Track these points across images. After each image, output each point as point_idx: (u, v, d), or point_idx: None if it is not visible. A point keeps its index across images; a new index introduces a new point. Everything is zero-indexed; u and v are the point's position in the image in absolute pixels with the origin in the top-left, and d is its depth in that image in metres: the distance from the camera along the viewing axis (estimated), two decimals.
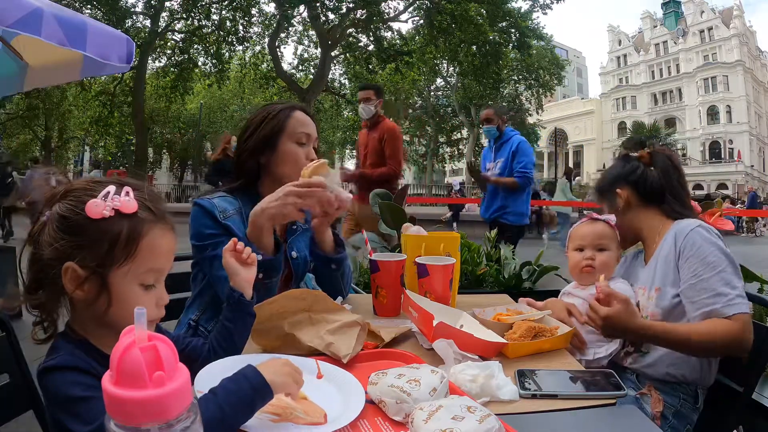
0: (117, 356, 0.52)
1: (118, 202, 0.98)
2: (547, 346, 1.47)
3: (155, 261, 1.03)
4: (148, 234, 1.01)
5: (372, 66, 25.44)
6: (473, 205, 16.29)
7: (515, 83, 37.20)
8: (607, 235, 1.95)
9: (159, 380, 0.51)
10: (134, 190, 1.02)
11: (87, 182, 1.05)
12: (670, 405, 1.72)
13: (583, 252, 1.96)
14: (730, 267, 1.69)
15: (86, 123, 29.39)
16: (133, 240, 0.99)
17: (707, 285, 1.67)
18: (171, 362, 0.54)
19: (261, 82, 26.18)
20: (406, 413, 0.96)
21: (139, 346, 0.52)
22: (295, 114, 1.92)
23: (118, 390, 0.51)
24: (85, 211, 0.96)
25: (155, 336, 0.54)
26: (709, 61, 59.43)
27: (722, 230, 2.85)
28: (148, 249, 1.01)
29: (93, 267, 0.97)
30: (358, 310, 1.75)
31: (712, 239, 1.72)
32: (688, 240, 1.73)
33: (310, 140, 1.92)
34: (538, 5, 25.45)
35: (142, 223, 1.01)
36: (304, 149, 1.90)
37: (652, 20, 69.27)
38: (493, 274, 3.28)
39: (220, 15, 23.65)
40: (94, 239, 0.97)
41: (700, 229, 1.74)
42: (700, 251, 1.70)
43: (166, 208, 1.09)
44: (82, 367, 0.94)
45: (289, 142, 1.88)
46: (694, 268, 1.70)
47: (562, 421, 1.08)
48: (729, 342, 1.60)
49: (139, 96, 23.73)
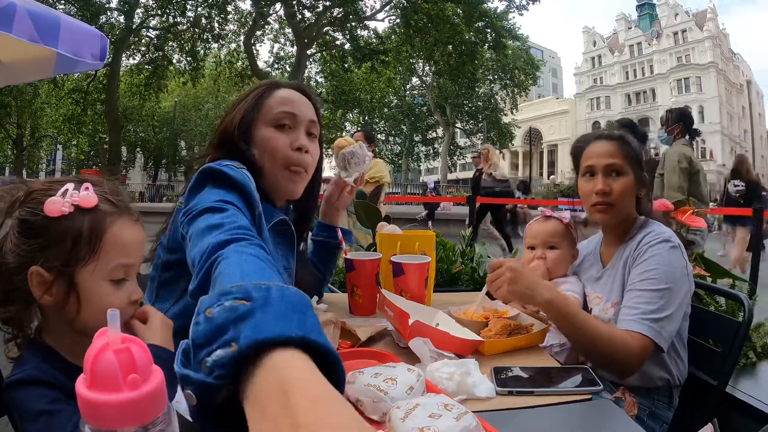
0: (90, 359, 0.51)
1: (77, 197, 0.96)
2: (522, 343, 1.47)
3: (122, 255, 1.01)
4: (111, 227, 0.99)
5: (348, 65, 25.39)
6: (448, 204, 16.33)
7: (490, 83, 37.42)
8: (558, 234, 1.95)
9: (134, 383, 0.51)
10: (94, 186, 1.00)
11: (45, 183, 1.03)
12: (645, 407, 1.71)
13: (534, 250, 1.98)
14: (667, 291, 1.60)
15: (59, 121, 29.01)
16: (97, 235, 0.97)
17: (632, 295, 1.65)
18: (145, 364, 0.53)
19: (236, 80, 25.83)
20: (383, 412, 0.95)
21: (113, 349, 0.51)
22: (276, 92, 1.57)
23: (92, 394, 0.50)
24: (44, 211, 0.94)
25: (129, 338, 0.53)
26: (682, 62, 60.50)
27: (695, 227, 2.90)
28: (113, 243, 0.99)
29: (58, 268, 0.95)
30: (333, 309, 1.74)
31: (671, 258, 1.66)
32: (648, 248, 1.69)
33: (297, 122, 1.55)
34: (514, 6, 25.59)
35: (104, 217, 0.99)
36: (287, 135, 1.54)
37: (626, 22, 70.38)
38: (468, 273, 3.29)
39: (196, 12, 23.40)
40: (55, 239, 0.95)
41: (664, 244, 1.68)
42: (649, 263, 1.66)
43: (129, 201, 1.07)
44: (49, 381, 0.92)
45: (265, 127, 1.53)
46: (634, 276, 1.68)
47: (538, 417, 1.08)
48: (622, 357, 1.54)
49: (112, 94, 23.35)
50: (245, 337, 0.53)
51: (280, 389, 0.49)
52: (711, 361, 1.85)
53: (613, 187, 1.76)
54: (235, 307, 0.57)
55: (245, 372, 0.53)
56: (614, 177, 1.78)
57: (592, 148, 1.85)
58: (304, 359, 0.53)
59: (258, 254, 0.86)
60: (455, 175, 61.95)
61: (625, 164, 1.78)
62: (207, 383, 0.53)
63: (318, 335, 0.56)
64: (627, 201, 1.80)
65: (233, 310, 0.57)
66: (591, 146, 1.85)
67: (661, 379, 1.73)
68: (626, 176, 1.77)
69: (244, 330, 0.54)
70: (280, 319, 0.56)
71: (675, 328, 1.63)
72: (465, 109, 39.14)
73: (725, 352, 1.77)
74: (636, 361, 1.55)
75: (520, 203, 15.43)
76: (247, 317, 0.56)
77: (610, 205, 1.78)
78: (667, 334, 1.58)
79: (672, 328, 1.61)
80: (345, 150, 1.85)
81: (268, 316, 0.56)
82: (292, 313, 0.58)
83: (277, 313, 0.57)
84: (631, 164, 1.78)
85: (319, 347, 0.56)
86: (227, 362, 0.53)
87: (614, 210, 1.79)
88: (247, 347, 0.53)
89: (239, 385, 0.53)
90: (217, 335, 0.55)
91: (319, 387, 0.50)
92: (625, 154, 1.79)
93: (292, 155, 1.53)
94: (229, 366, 0.53)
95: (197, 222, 1.06)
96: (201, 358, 0.55)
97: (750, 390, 2.21)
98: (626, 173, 1.78)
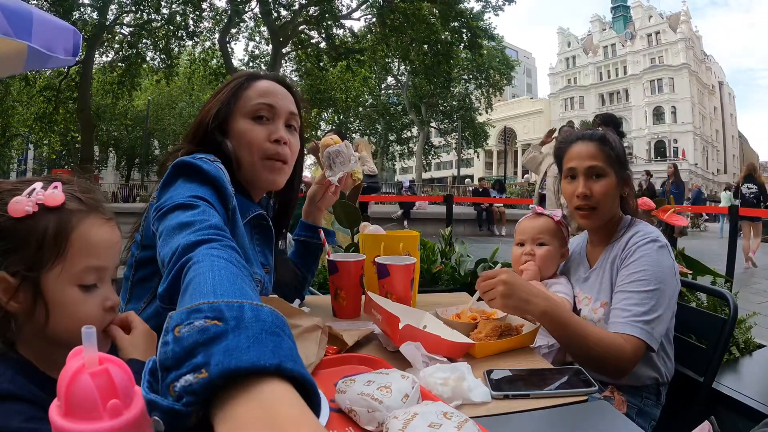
0: (65, 384, 0.45)
1: (42, 196, 0.90)
2: (513, 344, 1.45)
3: (92, 256, 0.94)
4: (78, 226, 0.93)
5: (323, 63, 25.35)
6: (424, 203, 16.37)
7: (465, 82, 37.71)
8: (547, 230, 1.94)
9: (114, 410, 0.45)
10: (64, 185, 0.95)
11: (14, 183, 0.96)
12: (633, 404, 1.73)
13: (523, 247, 1.96)
14: (656, 292, 1.61)
15: (30, 120, 28.36)
16: (62, 235, 0.91)
17: (622, 296, 1.65)
18: (126, 387, 0.48)
19: (210, 78, 25.57)
20: (379, 422, 0.91)
21: (89, 371, 0.46)
22: (255, 83, 1.53)
23: (68, 423, 0.44)
24: (8, 212, 0.88)
25: (107, 358, 0.48)
26: (655, 63, 61.74)
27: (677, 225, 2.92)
28: (81, 243, 0.92)
29: (23, 272, 0.89)
30: (316, 312, 1.69)
31: (659, 258, 1.66)
32: (636, 249, 1.69)
33: (275, 114, 1.52)
34: (490, 6, 25.71)
35: (70, 216, 0.93)
36: (265, 127, 1.50)
37: (601, 23, 71.63)
38: (448, 272, 3.28)
39: (170, 9, 23.06)
40: (20, 240, 0.89)
41: (652, 244, 1.69)
42: (637, 263, 1.66)
43: (102, 200, 1.01)
44: (24, 396, 0.84)
45: (242, 119, 1.49)
46: (623, 277, 1.68)
47: (536, 420, 1.07)
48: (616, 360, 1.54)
49: (85, 92, 22.95)
50: (216, 364, 0.50)
51: (265, 422, 0.46)
52: (696, 358, 1.88)
53: (594, 189, 1.77)
54: (206, 328, 0.54)
55: (217, 399, 0.50)
56: (595, 179, 1.78)
57: (573, 149, 1.85)
58: (285, 388, 0.51)
59: (230, 258, 0.83)
60: (430, 174, 62.18)
61: (605, 165, 1.78)
62: (176, 410, 0.49)
63: (293, 363, 0.53)
64: (609, 202, 1.79)
65: (204, 331, 0.54)
66: (573, 147, 1.85)
67: (649, 377, 1.74)
68: (607, 177, 1.78)
69: (215, 355, 0.51)
70: (254, 343, 0.53)
71: (665, 328, 1.65)
72: (440, 109, 39.27)
73: (711, 349, 1.80)
74: (629, 364, 1.55)
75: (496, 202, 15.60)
76: (219, 340, 0.53)
77: (593, 208, 1.78)
78: (658, 335, 1.59)
79: (662, 328, 1.62)
80: (330, 149, 1.81)
81: (241, 340, 0.53)
82: (267, 336, 0.55)
83: (251, 337, 0.54)
84: (612, 165, 1.79)
85: (294, 376, 0.52)
86: (197, 389, 0.49)
87: (597, 213, 1.79)
88: (219, 376, 0.49)
89: (210, 410, 0.50)
90: (186, 358, 0.52)
91: (305, 418, 0.48)
92: (606, 155, 1.79)
93: (269, 147, 1.50)
94: (200, 393, 0.49)
95: (168, 219, 1.04)
96: (169, 382, 0.51)
97: (734, 385, 2.25)
98: (607, 174, 1.78)
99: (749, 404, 2.08)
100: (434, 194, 28.05)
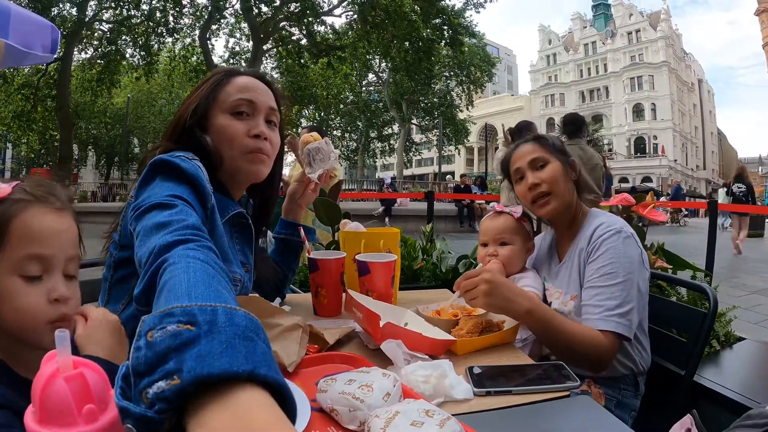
0: (39, 388, 0.44)
1: None
2: (495, 340, 1.46)
3: (34, 245, 0.92)
4: (19, 215, 0.91)
5: (304, 60, 25.21)
6: (405, 200, 16.40)
7: (447, 79, 37.75)
8: (509, 229, 1.94)
9: (90, 415, 0.45)
10: (22, 181, 0.94)
11: None
12: (612, 397, 1.74)
13: (486, 247, 1.97)
14: (626, 283, 1.62)
15: (8, 118, 27.87)
16: (2, 223, 0.90)
17: (593, 292, 1.66)
18: (101, 390, 0.47)
19: (191, 75, 25.24)
20: (360, 421, 0.91)
21: (63, 376, 0.45)
22: (235, 79, 1.52)
23: (43, 429, 0.43)
24: None
25: (82, 362, 0.47)
26: (635, 61, 62.43)
27: (656, 221, 2.95)
28: (22, 231, 0.91)
29: None
30: (297, 310, 1.68)
31: (626, 249, 1.67)
32: (602, 242, 1.70)
33: (256, 110, 1.50)
34: (471, 3, 25.78)
35: (12, 205, 0.91)
36: (245, 122, 1.49)
37: (582, 21, 72.17)
38: (430, 269, 3.28)
39: (150, 5, 22.80)
40: None
41: (618, 236, 1.69)
42: (604, 257, 1.67)
43: (59, 194, 0.99)
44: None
45: (222, 115, 1.47)
46: (592, 272, 1.69)
47: (518, 416, 1.07)
48: (596, 355, 1.56)
49: (63, 89, 22.58)
50: (189, 371, 0.49)
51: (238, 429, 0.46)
52: (676, 351, 1.90)
53: (542, 176, 1.80)
54: (178, 332, 0.53)
55: (190, 406, 0.49)
56: (540, 169, 1.82)
57: (515, 155, 1.90)
58: (259, 394, 0.50)
59: (207, 259, 0.82)
60: (411, 171, 62.23)
61: (546, 154, 1.83)
62: (148, 417, 0.48)
63: (267, 368, 0.52)
64: (561, 184, 1.81)
65: (176, 336, 0.53)
66: (514, 154, 1.90)
67: (625, 367, 1.76)
68: (551, 163, 1.82)
69: (187, 361, 0.50)
70: (227, 349, 0.52)
71: (639, 317, 1.67)
72: (421, 106, 39.27)
73: (692, 342, 1.81)
74: (609, 358, 1.58)
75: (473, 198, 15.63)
76: (191, 345, 0.52)
77: (547, 194, 1.80)
78: (634, 325, 1.62)
79: (636, 318, 1.64)
80: (310, 146, 1.81)
81: (214, 345, 0.52)
82: (240, 341, 0.54)
83: (224, 342, 0.53)
84: (553, 153, 1.84)
85: (268, 382, 0.52)
86: (170, 396, 0.48)
87: (553, 198, 1.81)
88: (191, 383, 0.49)
89: (184, 417, 0.49)
90: (158, 364, 0.51)
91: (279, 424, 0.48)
92: (544, 147, 1.85)
93: (249, 142, 1.48)
94: (173, 401, 0.48)
95: (145, 219, 1.03)
96: (142, 388, 0.50)
97: (714, 378, 2.29)
98: (550, 161, 1.82)
99: (731, 397, 2.11)
100: (415, 191, 28.06)
